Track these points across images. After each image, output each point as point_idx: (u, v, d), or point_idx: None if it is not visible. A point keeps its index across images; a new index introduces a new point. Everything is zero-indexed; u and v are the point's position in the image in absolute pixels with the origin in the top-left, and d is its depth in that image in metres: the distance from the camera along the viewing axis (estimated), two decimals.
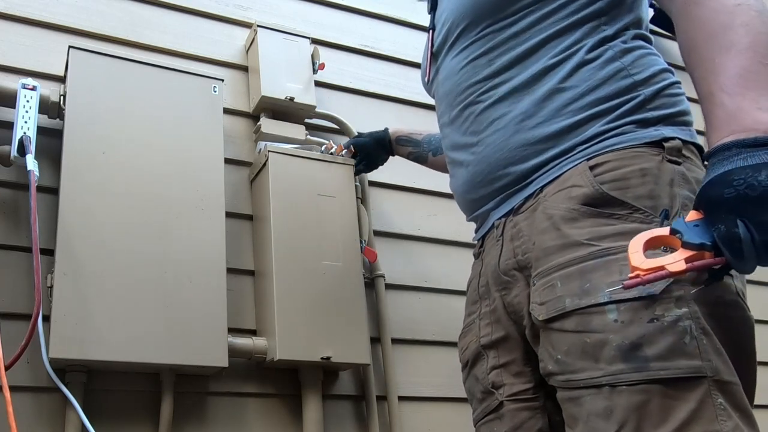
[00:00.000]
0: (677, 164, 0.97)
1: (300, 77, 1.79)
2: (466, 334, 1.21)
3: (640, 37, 1.08)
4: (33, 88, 1.42)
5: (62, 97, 1.46)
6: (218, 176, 1.54)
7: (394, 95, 2.01)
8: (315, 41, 1.90)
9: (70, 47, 1.48)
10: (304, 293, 1.54)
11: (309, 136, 1.77)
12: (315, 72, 1.83)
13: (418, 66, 1.56)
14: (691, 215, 0.84)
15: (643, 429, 0.84)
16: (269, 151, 1.63)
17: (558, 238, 0.97)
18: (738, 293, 0.92)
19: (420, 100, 2.01)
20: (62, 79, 1.52)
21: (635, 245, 0.85)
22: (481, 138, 1.12)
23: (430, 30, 1.28)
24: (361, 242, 1.67)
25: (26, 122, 1.38)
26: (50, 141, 1.49)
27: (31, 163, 1.34)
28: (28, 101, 1.40)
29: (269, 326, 1.51)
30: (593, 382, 0.89)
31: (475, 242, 1.23)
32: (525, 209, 1.07)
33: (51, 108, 1.46)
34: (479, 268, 1.19)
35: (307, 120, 1.84)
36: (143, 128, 1.49)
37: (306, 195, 1.62)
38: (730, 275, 0.91)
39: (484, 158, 1.12)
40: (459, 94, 1.17)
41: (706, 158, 0.85)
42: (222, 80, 1.63)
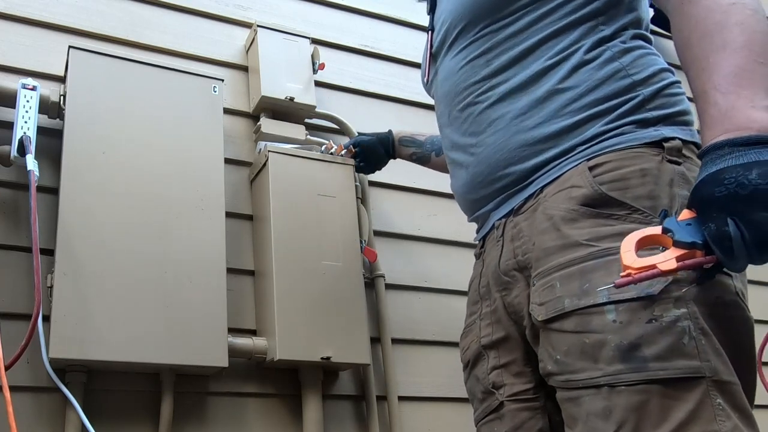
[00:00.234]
0: (677, 164, 0.97)
1: (300, 77, 1.79)
2: (468, 335, 1.21)
3: (640, 37, 1.08)
4: (33, 88, 1.42)
5: (62, 97, 1.46)
6: (218, 176, 1.54)
7: (394, 95, 2.01)
8: (315, 41, 1.90)
9: (70, 47, 1.48)
10: (304, 293, 1.54)
11: (309, 136, 1.77)
12: (315, 72, 1.83)
13: (418, 66, 1.56)
14: (685, 214, 0.85)
15: (642, 429, 0.84)
16: (269, 151, 1.63)
17: (558, 239, 0.97)
18: (737, 293, 0.92)
19: (420, 100, 2.01)
20: (62, 79, 1.52)
21: (627, 244, 0.85)
22: (481, 139, 1.12)
23: (430, 31, 1.28)
24: (361, 242, 1.67)
25: (26, 122, 1.38)
26: (50, 141, 1.49)
27: (31, 163, 1.34)
28: (28, 101, 1.40)
29: (269, 326, 1.51)
30: (592, 383, 0.89)
31: (477, 242, 1.23)
32: (525, 210, 1.07)
33: (51, 108, 1.46)
34: (480, 269, 1.19)
35: (307, 120, 1.84)
36: (143, 128, 1.49)
37: (306, 195, 1.62)
38: (729, 275, 0.91)
39: (484, 159, 1.12)
40: (458, 95, 1.17)
41: (700, 157, 0.85)
42: (222, 80, 1.63)
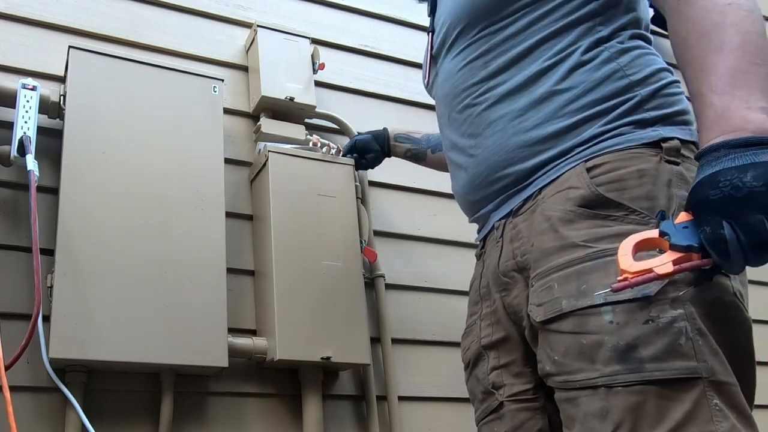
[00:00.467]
0: (675, 164, 0.97)
1: (300, 77, 1.79)
2: (468, 335, 1.21)
3: (639, 37, 1.08)
4: (33, 88, 1.42)
5: (62, 97, 1.46)
6: (218, 176, 1.54)
7: (394, 95, 2.01)
8: (315, 41, 1.90)
9: (70, 47, 1.48)
10: (304, 293, 1.54)
11: (309, 136, 1.77)
12: (315, 72, 1.83)
13: (418, 66, 1.56)
14: (682, 217, 0.85)
15: (639, 430, 0.84)
16: (269, 151, 1.63)
17: (556, 240, 0.98)
18: (736, 294, 0.92)
19: (420, 100, 2.01)
20: (62, 79, 1.53)
21: (625, 248, 0.85)
22: (480, 140, 1.12)
23: (430, 32, 1.28)
24: (361, 242, 1.67)
25: (26, 122, 1.39)
26: (50, 141, 1.49)
27: (31, 163, 1.34)
28: (28, 101, 1.40)
29: (269, 326, 1.51)
30: (589, 383, 0.89)
31: (478, 243, 1.24)
32: (524, 211, 1.07)
33: (51, 108, 1.46)
34: (481, 269, 1.20)
35: (307, 120, 1.84)
36: (143, 128, 1.49)
37: (306, 195, 1.62)
38: (728, 276, 0.91)
39: (483, 160, 1.12)
40: (457, 96, 1.17)
41: (697, 159, 0.85)
42: (222, 80, 1.63)
